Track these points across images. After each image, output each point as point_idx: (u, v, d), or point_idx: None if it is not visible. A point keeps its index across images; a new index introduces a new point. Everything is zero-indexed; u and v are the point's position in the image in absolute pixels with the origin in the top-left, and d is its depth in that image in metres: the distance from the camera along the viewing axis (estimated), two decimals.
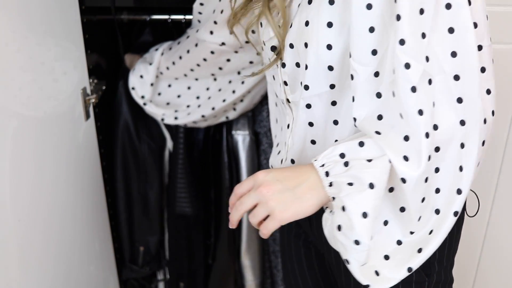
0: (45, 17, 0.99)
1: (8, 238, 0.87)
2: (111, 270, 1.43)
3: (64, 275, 1.12)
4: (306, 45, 0.78)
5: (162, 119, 1.34)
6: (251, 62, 1.18)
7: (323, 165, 0.76)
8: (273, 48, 0.85)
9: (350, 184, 0.73)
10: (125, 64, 1.42)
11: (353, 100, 0.76)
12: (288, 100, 0.87)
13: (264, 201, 0.76)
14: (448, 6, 0.69)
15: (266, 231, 0.77)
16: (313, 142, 0.85)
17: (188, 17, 1.45)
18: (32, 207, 0.96)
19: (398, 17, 0.67)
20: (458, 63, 0.71)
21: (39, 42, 0.96)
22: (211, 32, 1.12)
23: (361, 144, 0.74)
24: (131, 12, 1.48)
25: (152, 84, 1.30)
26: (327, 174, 0.75)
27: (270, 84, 0.98)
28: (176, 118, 1.33)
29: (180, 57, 1.24)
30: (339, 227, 0.73)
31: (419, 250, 0.79)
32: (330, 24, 0.75)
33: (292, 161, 0.89)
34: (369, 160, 0.73)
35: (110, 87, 1.37)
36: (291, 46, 0.81)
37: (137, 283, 1.65)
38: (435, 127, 0.72)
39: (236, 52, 1.15)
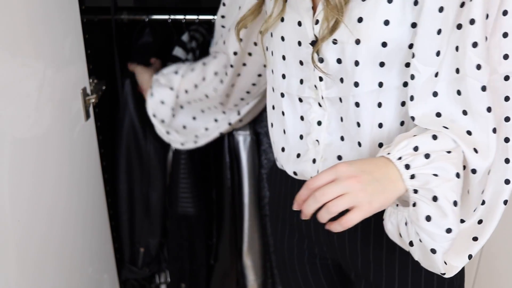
0: (45, 17, 0.99)
1: (8, 238, 0.87)
2: (111, 270, 1.43)
3: (64, 275, 1.12)
4: (358, 41, 0.79)
5: (182, 144, 1.35)
6: (259, 76, 1.18)
7: (400, 158, 0.76)
8: (313, 43, 0.85)
9: (435, 175, 0.74)
10: (130, 67, 1.42)
11: (412, 99, 0.79)
12: (322, 97, 0.88)
13: (353, 193, 0.72)
14: (505, 12, 0.75)
15: (349, 223, 0.73)
16: (359, 144, 0.86)
17: (188, 17, 1.45)
18: (32, 207, 0.95)
19: (472, 21, 0.72)
20: (509, 64, 0.77)
21: (39, 42, 0.96)
22: (224, 42, 1.14)
23: (435, 137, 0.76)
24: (131, 12, 1.48)
25: (173, 109, 1.30)
26: (407, 167, 0.75)
27: (275, 83, 0.96)
28: (195, 142, 1.35)
29: (204, 78, 1.24)
30: (427, 218, 0.73)
31: (475, 239, 0.84)
32: (386, 22, 0.78)
33: (339, 158, 0.89)
34: (449, 152, 0.75)
35: (110, 87, 1.37)
36: (335, 42, 0.82)
37: (137, 283, 1.65)
38: None
39: (244, 64, 1.15)
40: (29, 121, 0.93)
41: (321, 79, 0.86)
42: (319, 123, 0.90)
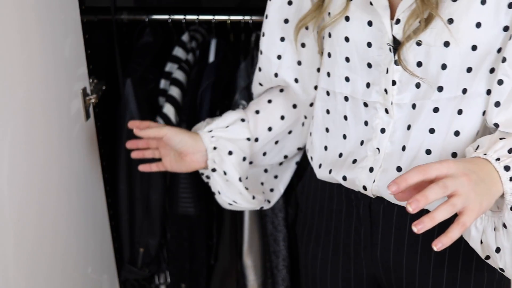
0: (45, 17, 0.98)
1: (7, 238, 0.87)
2: (110, 271, 1.43)
3: (63, 275, 1.12)
4: (447, 44, 0.76)
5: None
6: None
7: (498, 159, 0.72)
8: (394, 43, 0.80)
9: None
10: (132, 64, 1.41)
11: (497, 105, 0.76)
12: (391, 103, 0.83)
13: (465, 192, 0.67)
14: None
15: (464, 227, 0.66)
16: (428, 152, 0.82)
17: (188, 17, 1.45)
18: (32, 207, 0.95)
19: None
20: None
21: (39, 42, 0.96)
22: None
23: None
24: (131, 12, 1.48)
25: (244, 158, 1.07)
26: (506, 168, 0.72)
27: (335, 87, 0.91)
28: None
29: (270, 101, 1.09)
30: None
31: None
32: (478, 25, 0.75)
33: (399, 169, 0.84)
34: None
35: (110, 87, 1.37)
36: (419, 43, 0.78)
37: (137, 283, 1.65)
38: None
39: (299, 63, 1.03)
40: (29, 121, 0.93)
41: (394, 83, 0.82)
42: (383, 130, 0.85)
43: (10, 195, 0.87)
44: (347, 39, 0.85)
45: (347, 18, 0.84)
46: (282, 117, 1.07)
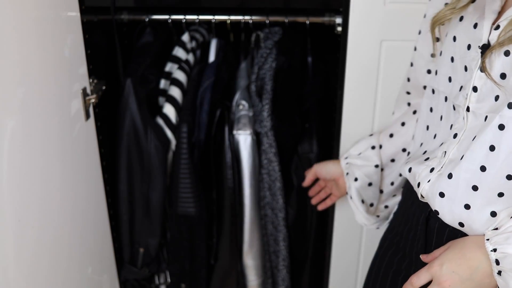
0: (45, 17, 0.98)
1: (7, 238, 0.87)
2: (110, 271, 1.43)
3: (63, 275, 1.12)
4: None
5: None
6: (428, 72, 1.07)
7: (495, 250, 0.77)
8: (484, 48, 0.79)
9: None
10: (132, 64, 1.41)
11: None
12: (468, 108, 0.82)
13: None
14: None
15: None
16: (483, 168, 0.79)
17: (188, 17, 1.45)
18: (32, 207, 0.95)
19: None
20: None
21: (39, 42, 0.96)
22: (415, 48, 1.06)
23: None
24: (131, 12, 1.48)
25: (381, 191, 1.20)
26: (497, 262, 0.76)
27: (440, 85, 0.91)
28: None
29: (403, 124, 1.14)
30: None
31: None
32: None
33: (450, 176, 0.84)
34: None
35: (110, 87, 1.37)
36: (507, 53, 0.75)
37: (137, 283, 1.65)
38: None
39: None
40: (29, 121, 0.93)
41: (475, 89, 0.80)
42: (455, 135, 0.84)
43: (10, 195, 0.87)
44: (454, 39, 0.85)
45: (461, 18, 0.84)
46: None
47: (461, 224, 0.84)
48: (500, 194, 0.79)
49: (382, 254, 1.07)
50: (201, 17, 1.45)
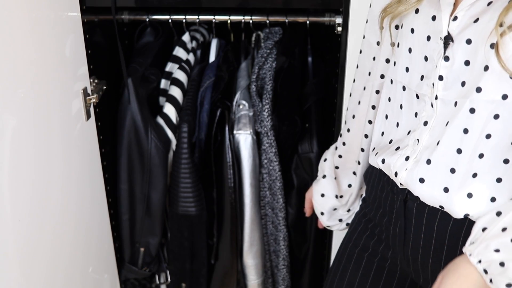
0: (45, 17, 0.99)
1: (8, 237, 0.87)
2: (111, 270, 1.43)
3: (64, 274, 1.12)
4: (492, 46, 0.76)
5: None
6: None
7: (480, 261, 0.79)
8: (446, 39, 0.82)
9: (509, 285, 0.76)
10: (133, 64, 1.42)
11: None
12: (436, 97, 0.86)
13: None
14: None
15: None
16: (459, 151, 0.84)
17: (188, 17, 1.45)
18: (33, 207, 0.96)
19: None
20: None
21: (39, 42, 0.96)
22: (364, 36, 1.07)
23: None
24: (132, 12, 1.48)
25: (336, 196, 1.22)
26: (485, 271, 0.79)
27: (397, 76, 0.94)
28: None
29: (353, 116, 1.13)
30: None
31: None
32: None
33: (428, 161, 0.87)
34: None
35: (111, 87, 1.37)
36: (468, 41, 0.80)
37: (137, 283, 1.65)
38: None
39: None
40: (30, 121, 0.94)
41: (441, 78, 0.84)
42: (426, 123, 0.88)
43: (11, 195, 0.87)
44: (412, 31, 0.88)
45: (416, 11, 0.88)
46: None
47: (441, 207, 0.87)
48: (474, 175, 0.83)
49: (356, 237, 1.08)
50: (202, 17, 1.45)
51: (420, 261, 0.94)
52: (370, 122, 1.04)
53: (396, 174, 0.92)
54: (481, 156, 0.82)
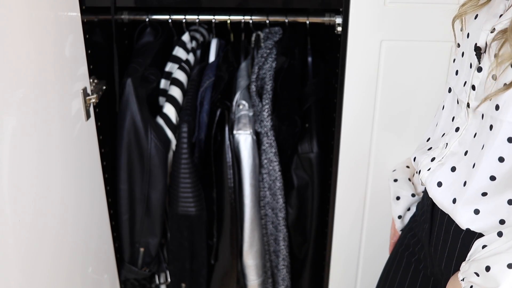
0: (45, 17, 0.99)
1: (8, 237, 0.87)
2: (111, 270, 1.43)
3: (64, 275, 1.12)
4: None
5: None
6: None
7: (463, 280, 0.82)
8: (477, 49, 0.81)
9: None
10: (132, 64, 1.41)
11: None
12: (468, 105, 0.85)
13: None
14: None
15: None
16: (474, 165, 0.83)
17: (188, 17, 1.45)
18: (32, 207, 0.96)
19: None
20: None
21: (39, 42, 0.96)
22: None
23: (488, 268, 0.78)
24: (132, 12, 1.48)
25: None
26: None
27: (449, 76, 0.94)
28: None
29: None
30: None
31: None
32: None
33: (453, 169, 0.87)
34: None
35: (111, 87, 1.37)
36: (497, 55, 0.77)
37: (137, 283, 1.65)
38: None
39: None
40: (30, 121, 0.94)
41: (473, 88, 0.83)
42: (457, 129, 0.88)
43: (10, 195, 0.87)
44: (468, 35, 0.88)
45: (476, 16, 0.87)
46: None
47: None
48: (484, 194, 0.82)
49: (403, 236, 1.10)
50: (201, 17, 1.45)
51: (444, 266, 0.94)
52: None
53: (419, 172, 0.94)
54: (492, 178, 0.80)
